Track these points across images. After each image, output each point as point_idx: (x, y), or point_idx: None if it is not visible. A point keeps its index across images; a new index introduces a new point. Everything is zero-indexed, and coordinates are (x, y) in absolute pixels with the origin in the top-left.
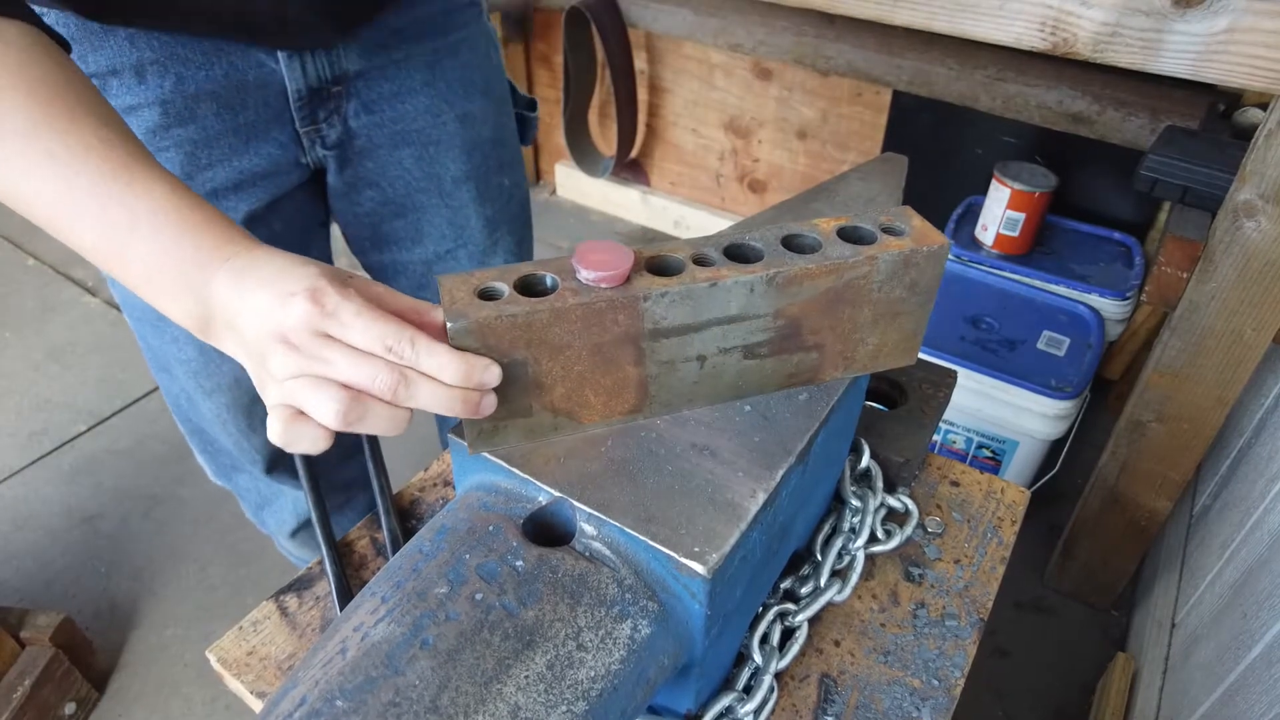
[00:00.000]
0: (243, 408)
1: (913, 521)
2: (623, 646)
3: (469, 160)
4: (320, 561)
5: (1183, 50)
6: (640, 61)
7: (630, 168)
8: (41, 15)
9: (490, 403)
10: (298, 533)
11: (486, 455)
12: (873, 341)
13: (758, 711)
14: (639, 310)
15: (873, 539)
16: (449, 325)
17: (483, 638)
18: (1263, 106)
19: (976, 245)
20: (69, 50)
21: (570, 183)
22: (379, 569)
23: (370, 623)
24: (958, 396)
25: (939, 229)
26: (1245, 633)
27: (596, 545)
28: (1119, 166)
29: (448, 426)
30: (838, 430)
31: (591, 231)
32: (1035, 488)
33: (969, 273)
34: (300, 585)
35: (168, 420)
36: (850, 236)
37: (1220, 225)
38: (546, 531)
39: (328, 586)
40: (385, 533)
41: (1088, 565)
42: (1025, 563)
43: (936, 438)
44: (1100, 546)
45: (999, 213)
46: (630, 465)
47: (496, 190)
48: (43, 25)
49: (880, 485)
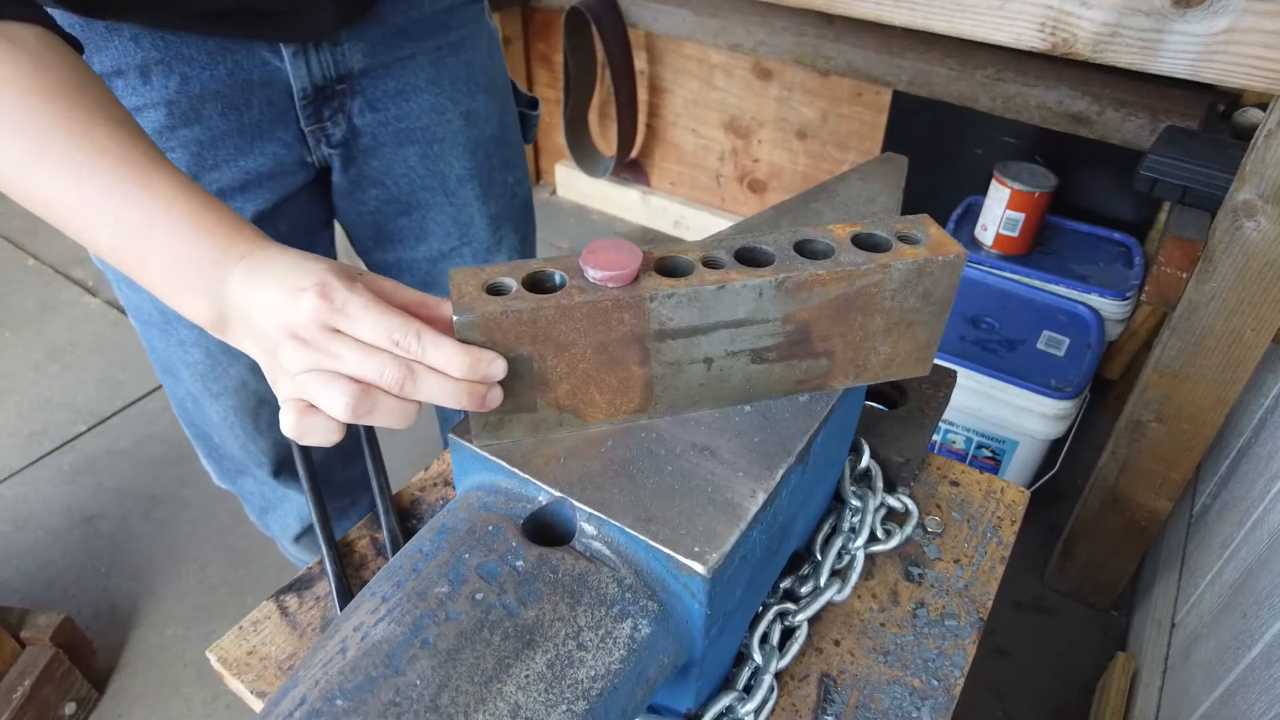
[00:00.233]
0: (249, 410)
1: (913, 521)
2: (623, 646)
3: (473, 158)
4: (320, 561)
5: (1182, 50)
6: (640, 61)
7: (630, 168)
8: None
9: (495, 396)
10: (301, 537)
11: (487, 455)
12: (885, 350)
13: (758, 711)
14: (645, 310)
15: (873, 539)
16: (455, 319)
17: (483, 637)
18: (1262, 106)
19: (976, 245)
20: (82, 52)
21: (570, 183)
22: (379, 569)
23: (370, 622)
24: (958, 396)
25: None
26: (1245, 632)
27: (596, 545)
28: (1119, 166)
29: (449, 426)
30: (838, 430)
31: (591, 231)
32: (1035, 488)
33: (969, 273)
34: (300, 585)
35: (168, 420)
36: (864, 243)
37: (1220, 225)
38: (546, 531)
39: (328, 586)
40: (385, 533)
41: (1088, 565)
42: (1025, 563)
43: (936, 438)
44: (1100, 546)
45: (999, 213)
46: (630, 465)
47: (501, 188)
48: (57, 28)
49: (880, 485)
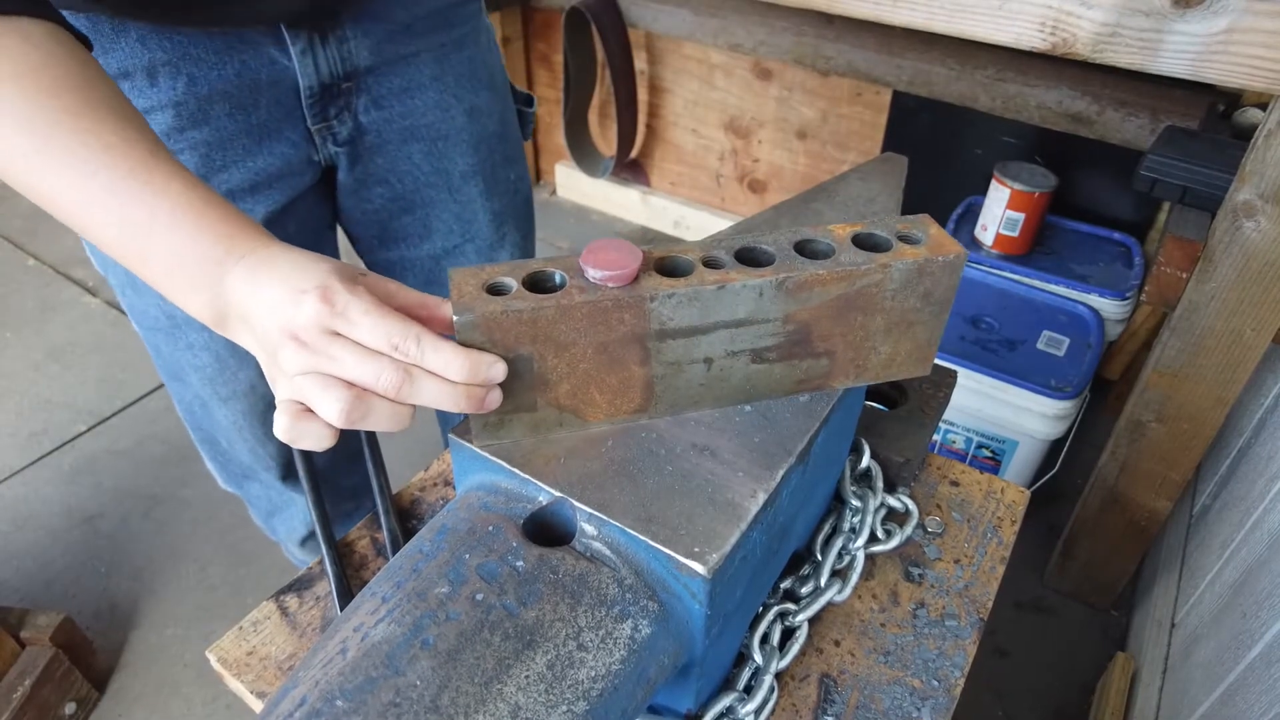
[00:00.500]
0: (258, 414)
1: (913, 521)
2: (623, 646)
3: (476, 154)
4: (320, 561)
5: (1182, 50)
6: (640, 61)
7: (630, 168)
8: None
9: (495, 398)
10: (308, 541)
11: (487, 455)
12: (885, 350)
13: (758, 711)
14: (645, 310)
15: (873, 539)
16: (455, 319)
17: (483, 638)
18: (1262, 106)
19: (976, 245)
20: (91, 48)
21: (570, 183)
22: (379, 569)
23: (370, 623)
24: (958, 396)
25: None
26: (1245, 632)
27: (597, 545)
28: (1119, 166)
29: (449, 426)
30: (838, 430)
31: (591, 232)
32: (1035, 488)
33: (969, 273)
34: (300, 585)
35: (168, 420)
36: (865, 243)
37: (1220, 225)
38: (547, 531)
39: (328, 586)
40: (385, 533)
41: (1088, 565)
42: (1025, 563)
43: (936, 438)
44: (1100, 546)
45: (999, 213)
46: (630, 465)
47: (503, 184)
48: (67, 24)
49: (880, 485)
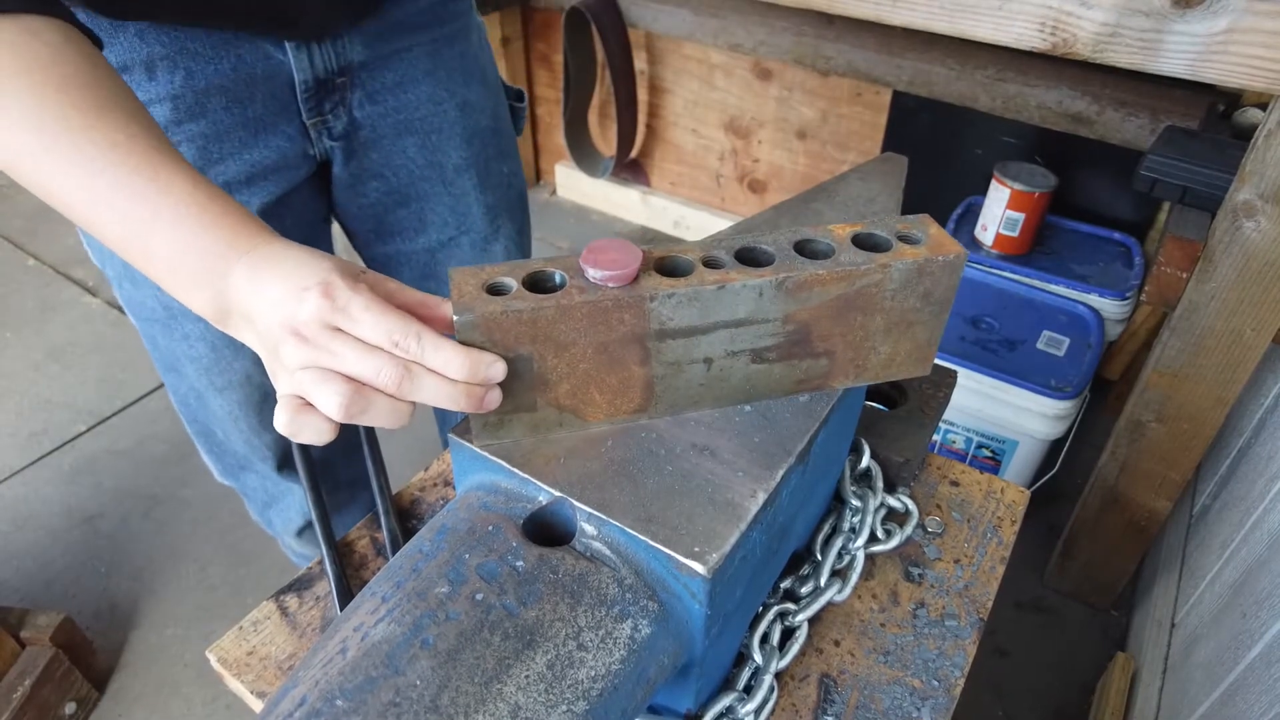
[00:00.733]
0: (254, 405)
1: (913, 521)
2: (623, 646)
3: (469, 147)
4: (320, 561)
5: (1182, 50)
6: (640, 61)
7: (630, 168)
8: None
9: (494, 398)
10: (304, 531)
11: (487, 455)
12: (885, 350)
13: (758, 711)
14: (645, 310)
15: (873, 539)
16: (455, 319)
17: (483, 637)
18: (1262, 106)
19: (976, 245)
20: (100, 46)
21: (570, 183)
22: (379, 569)
23: (370, 622)
24: (958, 396)
25: None
26: (1245, 632)
27: (597, 545)
28: (1119, 166)
29: (448, 426)
30: (838, 430)
31: (591, 232)
32: (1035, 488)
33: (969, 273)
34: (300, 585)
35: (168, 420)
36: (865, 243)
37: (1220, 225)
38: (546, 531)
39: (328, 586)
40: (385, 533)
41: (1088, 565)
42: (1025, 563)
43: (936, 438)
44: (1100, 546)
45: (999, 213)
46: (630, 465)
47: (497, 178)
48: (76, 22)
49: (880, 485)
